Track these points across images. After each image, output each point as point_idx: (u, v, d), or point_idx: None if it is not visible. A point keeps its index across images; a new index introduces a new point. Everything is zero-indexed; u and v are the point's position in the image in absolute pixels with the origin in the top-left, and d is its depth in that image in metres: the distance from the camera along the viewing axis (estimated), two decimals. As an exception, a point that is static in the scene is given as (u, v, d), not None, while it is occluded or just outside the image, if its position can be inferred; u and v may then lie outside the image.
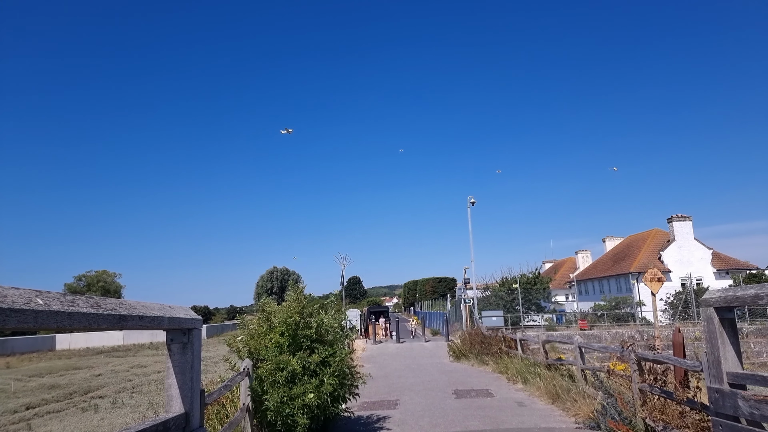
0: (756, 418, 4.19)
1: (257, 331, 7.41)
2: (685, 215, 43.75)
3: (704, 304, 4.94)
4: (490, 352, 17.28)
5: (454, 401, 10.51)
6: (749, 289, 4.62)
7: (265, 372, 6.77)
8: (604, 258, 54.49)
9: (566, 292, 59.68)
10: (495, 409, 9.45)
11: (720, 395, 4.63)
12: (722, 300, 4.73)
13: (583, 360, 9.47)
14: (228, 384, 5.70)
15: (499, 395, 10.98)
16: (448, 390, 11.97)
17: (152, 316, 2.90)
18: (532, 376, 11.38)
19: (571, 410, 8.44)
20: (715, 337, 4.77)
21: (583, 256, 63.26)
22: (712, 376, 4.81)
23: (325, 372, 6.77)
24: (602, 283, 49.51)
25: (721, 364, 4.69)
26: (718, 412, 4.66)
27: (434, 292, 76.59)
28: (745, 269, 41.96)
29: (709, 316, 4.84)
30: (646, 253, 44.52)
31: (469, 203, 34.19)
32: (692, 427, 5.75)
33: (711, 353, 4.85)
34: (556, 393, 9.43)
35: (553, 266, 71.79)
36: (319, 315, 7.59)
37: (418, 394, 11.54)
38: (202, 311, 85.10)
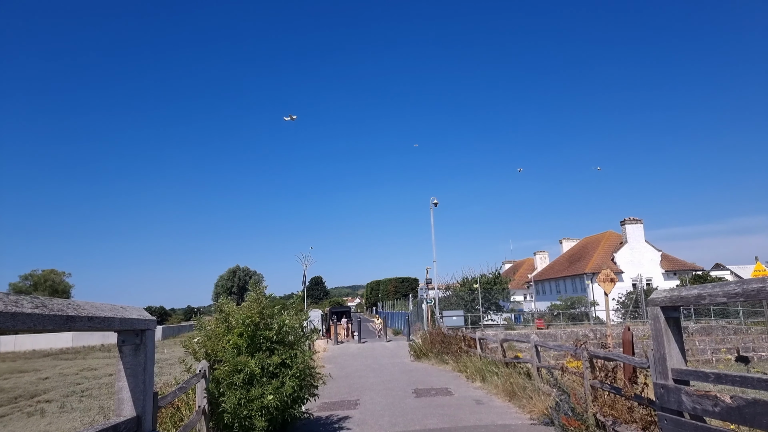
0: (698, 413, 4.40)
1: (215, 332, 7.26)
2: (636, 218, 45.59)
3: (651, 303, 5.17)
4: (450, 351, 17.50)
5: (414, 400, 10.60)
6: (693, 289, 4.86)
7: (223, 374, 6.65)
8: (561, 259, 56.13)
9: (524, 292, 61.16)
10: (454, 407, 9.59)
11: (665, 391, 4.83)
12: (668, 300, 4.96)
13: (538, 358, 9.74)
14: (183, 386, 5.56)
15: (458, 393, 11.14)
16: (409, 389, 12.05)
17: (102, 317, 2.80)
18: (490, 375, 11.60)
19: (527, 407, 8.66)
20: (661, 335, 4.99)
21: (541, 257, 64.97)
22: (658, 372, 5.02)
23: (285, 373, 6.70)
24: (559, 283, 50.98)
25: (666, 361, 4.90)
26: (663, 406, 4.86)
27: (397, 293, 76.97)
28: (691, 270, 44.10)
29: (656, 315, 5.06)
30: (600, 254, 46.13)
31: (431, 204, 34.52)
32: (640, 421, 5.99)
33: (657, 350, 5.07)
34: (513, 390, 9.65)
35: (513, 267, 73.44)
36: (280, 316, 7.51)
37: (378, 394, 11.57)
38: (157, 312, 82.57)
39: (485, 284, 35.02)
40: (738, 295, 4.14)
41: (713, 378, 4.42)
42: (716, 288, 4.40)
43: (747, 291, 4.05)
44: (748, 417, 3.80)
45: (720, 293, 4.36)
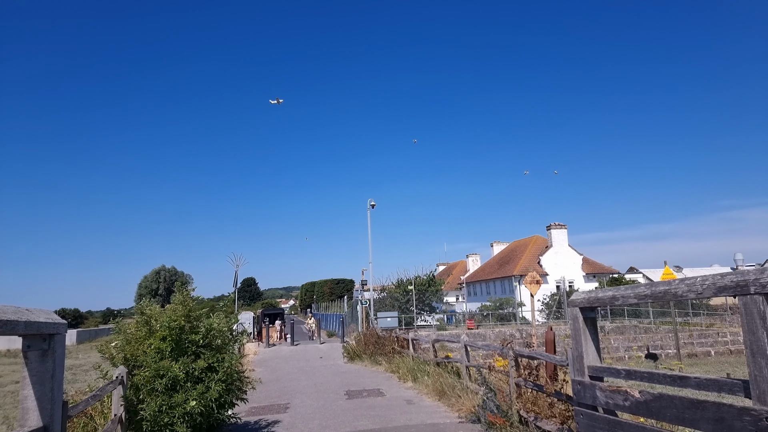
0: (611, 407, 4.69)
1: (135, 335, 6.87)
2: (561, 224, 48.16)
3: (571, 304, 5.46)
4: (383, 352, 17.63)
5: (346, 402, 10.56)
6: (608, 291, 5.18)
7: (143, 380, 6.30)
8: (492, 261, 58.21)
9: (457, 293, 62.79)
10: (385, 408, 9.65)
11: (582, 387, 5.11)
12: (586, 301, 5.26)
13: (468, 358, 10.02)
14: (97, 394, 5.22)
15: (389, 394, 11.23)
16: (341, 391, 12.00)
17: (4, 320, 2.58)
18: (421, 375, 11.80)
19: (456, 405, 8.88)
20: (579, 334, 5.28)
21: (473, 260, 66.96)
22: (576, 369, 5.31)
23: (211, 378, 6.46)
24: (489, 285, 52.82)
25: (583, 359, 5.19)
26: (579, 402, 5.14)
27: (332, 294, 76.54)
28: (609, 273, 47.16)
29: (575, 316, 5.35)
30: (527, 257, 48.29)
31: (369, 206, 34.69)
32: (559, 416, 6.30)
33: (575, 349, 5.36)
34: (443, 390, 9.87)
35: (446, 268, 75.22)
36: (208, 319, 7.23)
37: (309, 397, 11.43)
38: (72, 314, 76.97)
39: (420, 286, 35.63)
40: (647, 297, 4.47)
41: (624, 374, 4.74)
42: (628, 290, 4.73)
43: (655, 293, 4.38)
44: (654, 410, 4.09)
45: (631, 295, 4.69)
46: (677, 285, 4.12)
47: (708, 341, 27.96)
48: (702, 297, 3.97)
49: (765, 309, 3.20)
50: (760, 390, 3.18)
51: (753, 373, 3.23)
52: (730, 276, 3.59)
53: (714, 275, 3.77)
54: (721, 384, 3.66)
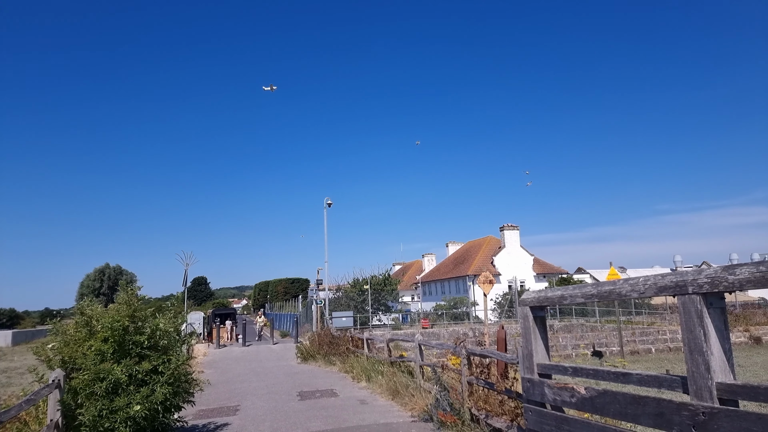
0: (558, 404, 4.81)
1: (74, 337, 6.50)
2: (513, 225, 49.40)
3: (522, 303, 5.57)
4: (337, 352, 17.51)
5: (298, 403, 10.41)
6: (557, 291, 5.32)
7: (82, 383, 5.97)
8: (447, 261, 59.02)
9: (412, 292, 63.31)
10: (338, 408, 9.57)
11: (531, 384, 5.21)
12: (536, 300, 5.37)
13: (421, 357, 10.08)
14: (31, 398, 4.91)
15: (343, 394, 11.15)
16: (293, 392, 11.82)
17: None
18: (375, 374, 11.78)
19: (409, 405, 8.91)
20: (529, 333, 5.38)
21: (429, 259, 67.68)
22: (526, 367, 5.41)
23: (156, 380, 6.19)
24: (444, 284, 53.53)
25: (533, 357, 5.30)
26: (529, 399, 5.24)
27: (286, 294, 75.54)
28: (558, 273, 48.75)
29: (525, 315, 5.46)
30: (481, 257, 49.26)
31: (325, 205, 34.38)
32: (509, 414, 6.42)
33: (525, 347, 5.46)
34: (396, 389, 9.88)
35: (402, 268, 75.73)
36: (154, 319, 6.93)
37: (260, 399, 11.19)
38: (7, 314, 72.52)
39: (376, 285, 35.66)
40: (594, 296, 4.61)
41: (571, 371, 4.87)
42: (576, 290, 4.86)
43: (601, 292, 4.52)
44: (599, 406, 4.22)
45: (579, 294, 4.83)
46: (621, 285, 4.27)
47: (649, 339, 29.36)
48: (644, 296, 4.12)
49: (702, 308, 3.34)
50: (697, 386, 3.32)
51: (691, 370, 3.37)
52: (670, 277, 3.75)
53: (655, 276, 3.93)
54: (661, 380, 3.81)
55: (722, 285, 3.25)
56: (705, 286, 3.35)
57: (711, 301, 3.39)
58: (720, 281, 3.26)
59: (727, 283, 3.23)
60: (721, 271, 3.31)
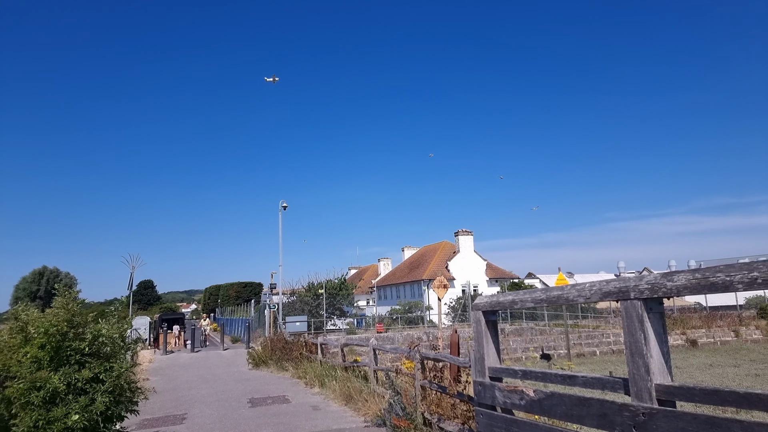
0: (508, 406, 4.91)
1: (8, 343, 6.09)
2: (468, 230, 50.31)
3: (474, 308, 5.66)
4: (290, 357, 17.26)
5: (249, 410, 10.17)
6: (508, 295, 5.44)
7: (16, 392, 5.60)
8: (402, 266, 59.39)
9: (368, 297, 63.29)
10: (290, 414, 9.42)
11: (482, 387, 5.30)
12: (488, 305, 5.48)
13: (376, 361, 10.07)
14: (-44, 412, 4.55)
15: (295, 401, 10.98)
16: (244, 399, 11.55)
17: None
18: (329, 380, 11.67)
19: (362, 410, 8.88)
20: (481, 336, 5.48)
21: (384, 264, 67.89)
22: (477, 371, 5.51)
23: (97, 389, 5.87)
24: (399, 288, 53.82)
25: (484, 360, 5.39)
26: (480, 402, 5.33)
27: (238, 298, 73.74)
28: (509, 278, 49.98)
29: (478, 319, 5.56)
30: (436, 262, 49.87)
31: (280, 207, 33.89)
32: (461, 417, 6.50)
33: (477, 351, 5.56)
34: (350, 394, 9.83)
35: (358, 272, 75.58)
36: (96, 324, 6.59)
37: (209, 406, 10.87)
38: (-67, 320, 67.29)
39: (331, 289, 35.43)
40: (543, 301, 4.74)
41: (521, 374, 4.99)
42: (526, 294, 4.99)
43: (550, 297, 4.65)
44: (547, 408, 4.33)
45: (529, 299, 4.96)
46: (569, 290, 4.41)
47: (594, 342, 30.53)
48: (590, 301, 4.28)
49: (643, 313, 3.50)
50: (638, 387, 3.46)
51: (632, 372, 3.52)
52: (614, 282, 3.90)
53: (600, 282, 4.08)
54: (604, 382, 3.96)
55: (661, 291, 3.42)
56: (646, 292, 3.50)
57: (651, 306, 3.55)
58: (659, 287, 3.42)
59: (666, 288, 3.40)
60: (661, 277, 3.48)
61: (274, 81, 33.09)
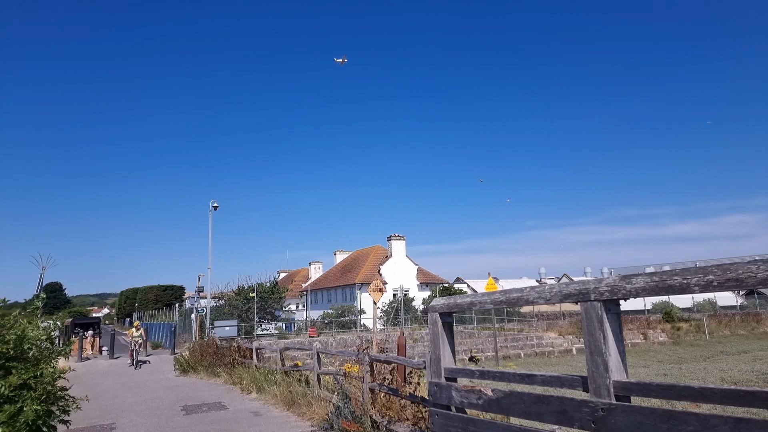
0: (465, 406, 5.02)
1: None
2: (400, 235, 50.96)
3: (431, 310, 5.74)
4: (223, 363, 16.64)
5: (184, 418, 9.68)
6: (466, 297, 5.57)
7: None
8: (334, 269, 59.05)
9: (298, 300, 62.30)
10: (230, 421, 9.07)
11: (438, 388, 5.39)
12: (445, 307, 5.58)
13: (320, 365, 9.93)
14: None
15: (233, 407, 10.59)
16: (176, 407, 10.97)
17: None
18: (268, 385, 11.35)
19: (307, 414, 8.72)
20: (438, 338, 5.57)
21: (316, 267, 67.14)
22: (433, 372, 5.58)
23: (26, 396, 5.34)
24: (331, 292, 53.45)
25: (440, 361, 5.48)
26: (435, 402, 5.40)
27: (158, 302, 70.08)
28: (439, 283, 51.14)
29: (435, 320, 5.64)
30: (369, 266, 50.06)
31: (211, 207, 32.61)
32: (411, 418, 6.57)
33: (433, 352, 5.64)
34: (292, 399, 9.62)
35: (288, 276, 74.22)
36: (19, 325, 5.99)
37: (139, 415, 10.22)
38: None
39: (263, 293, 34.54)
40: (503, 303, 4.91)
41: (479, 374, 5.12)
42: (485, 296, 5.14)
43: (509, 299, 4.82)
44: (505, 407, 4.48)
45: (488, 301, 5.11)
46: (529, 292, 4.59)
47: (519, 344, 31.96)
48: (550, 303, 4.48)
49: (602, 314, 3.72)
50: (597, 384, 3.67)
51: (591, 370, 3.72)
52: (574, 285, 4.12)
53: (560, 284, 4.29)
54: (563, 380, 4.16)
55: (621, 293, 3.65)
56: (605, 294, 3.73)
57: (609, 308, 3.78)
58: (619, 289, 3.66)
59: (625, 291, 3.63)
60: (620, 280, 3.71)
61: (343, 62, 32.63)
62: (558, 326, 36.52)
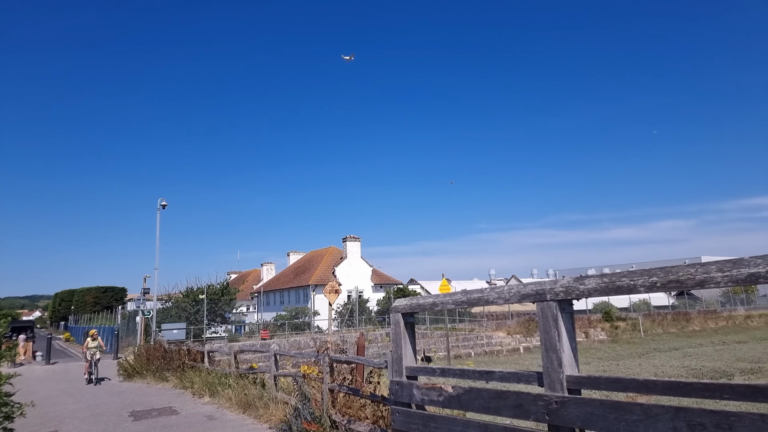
0: (426, 403, 5.16)
1: None
2: (356, 236, 50.99)
3: (394, 310, 5.87)
4: (172, 367, 16.15)
5: (133, 424, 9.36)
6: (428, 298, 5.74)
7: None
8: (287, 271, 58.31)
9: (248, 303, 61.07)
10: (183, 426, 8.86)
11: (400, 386, 5.51)
12: (408, 307, 5.72)
13: (277, 367, 9.85)
14: None
15: (185, 411, 10.33)
16: (123, 413, 10.58)
17: None
18: (222, 388, 11.14)
19: (264, 416, 8.64)
20: (400, 338, 5.70)
21: (268, 268, 65.97)
22: (395, 371, 5.70)
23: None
24: (284, 294, 52.74)
25: (402, 360, 5.62)
26: (396, 401, 5.52)
27: (96, 304, 66.91)
28: (394, 284, 51.50)
29: (397, 321, 5.77)
30: (323, 267, 49.78)
31: (159, 206, 31.48)
32: (371, 417, 6.68)
33: (395, 351, 5.76)
34: (248, 402, 9.50)
35: (239, 277, 72.61)
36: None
37: (84, 422, 9.79)
38: None
39: (212, 295, 33.68)
40: (464, 303, 5.10)
41: (439, 372, 5.30)
42: (447, 297, 5.32)
43: (470, 299, 5.02)
44: (465, 403, 4.66)
45: (449, 301, 5.29)
46: (489, 293, 4.81)
47: (470, 344, 32.71)
48: (509, 303, 4.71)
49: (557, 313, 3.96)
50: (551, 379, 3.90)
51: (546, 366, 3.95)
52: (531, 286, 4.35)
53: (518, 285, 4.52)
54: (519, 376, 4.38)
55: (575, 293, 3.91)
56: (561, 294, 3.97)
57: (564, 307, 4.02)
58: (573, 290, 3.91)
59: (578, 291, 3.89)
60: (573, 281, 3.97)
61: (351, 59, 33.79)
62: (507, 326, 37.64)
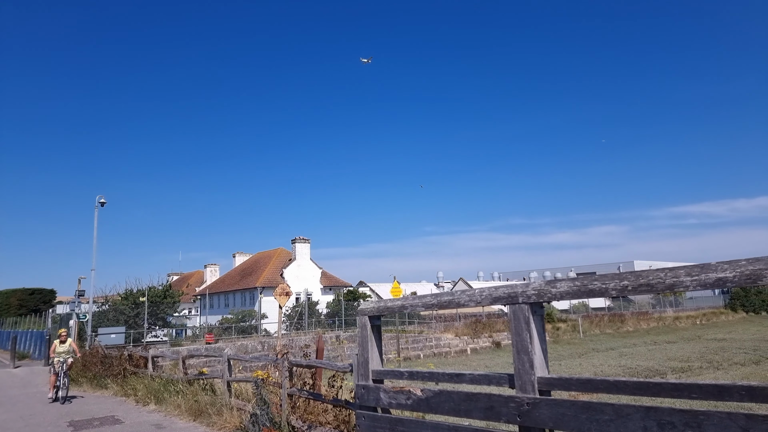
0: (393, 407, 5.12)
1: None
2: (305, 238, 50.36)
3: (361, 313, 5.80)
4: (112, 373, 15.30)
5: (73, 436, 8.77)
6: (396, 301, 5.72)
7: None
8: (233, 273, 56.78)
9: (191, 305, 58.96)
10: (129, 436, 8.39)
11: (366, 390, 5.45)
12: (375, 310, 5.67)
13: (230, 372, 9.52)
14: None
15: (129, 420, 9.78)
16: (61, 423, 9.91)
17: None
18: (169, 395, 10.64)
19: (218, 424, 8.31)
20: (366, 341, 5.64)
21: (212, 270, 63.95)
22: (361, 374, 5.63)
23: None
24: (229, 296, 51.30)
25: (369, 364, 5.56)
26: (362, 405, 5.45)
27: (22, 307, 62.50)
28: (343, 286, 51.25)
29: (364, 324, 5.70)
30: (271, 269, 48.80)
31: (97, 203, 29.88)
32: (333, 421, 6.58)
33: (362, 355, 5.69)
34: (200, 409, 9.12)
35: (181, 279, 70.00)
36: None
37: (16, 435, 9.08)
38: None
39: (154, 297, 32.26)
40: (434, 305, 5.12)
41: (407, 375, 5.26)
42: (416, 300, 5.31)
43: (441, 302, 5.04)
44: (434, 405, 4.65)
45: (419, 304, 5.29)
46: (460, 295, 4.84)
47: (419, 345, 33.03)
48: (481, 305, 4.76)
49: (529, 315, 4.03)
50: (522, 381, 3.97)
51: (517, 368, 4.01)
52: (503, 289, 4.41)
53: (490, 288, 4.57)
54: (490, 378, 4.43)
55: (546, 296, 3.99)
56: (533, 297, 4.05)
57: (535, 310, 4.11)
58: (545, 293, 3.99)
59: (550, 294, 3.98)
60: (545, 284, 4.06)
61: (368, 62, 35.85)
62: (454, 328, 38.29)
